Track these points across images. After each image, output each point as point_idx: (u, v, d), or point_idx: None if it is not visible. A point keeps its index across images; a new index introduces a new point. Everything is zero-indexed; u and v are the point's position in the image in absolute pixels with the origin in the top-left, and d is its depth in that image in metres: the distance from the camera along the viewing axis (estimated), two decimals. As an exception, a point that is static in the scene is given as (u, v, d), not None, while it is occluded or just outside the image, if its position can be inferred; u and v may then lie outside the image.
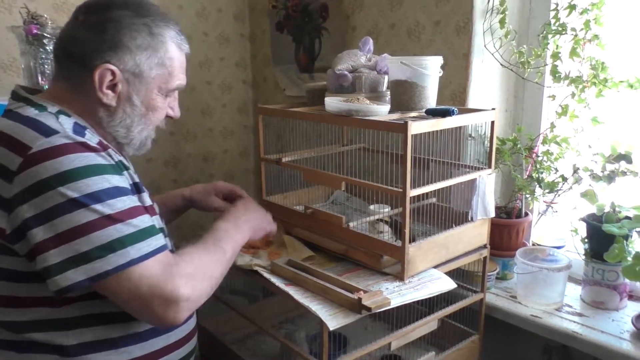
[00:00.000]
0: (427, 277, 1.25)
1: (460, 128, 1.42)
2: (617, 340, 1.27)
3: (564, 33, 1.43)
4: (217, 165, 2.42)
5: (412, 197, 1.19)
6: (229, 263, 1.08)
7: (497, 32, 1.54)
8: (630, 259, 1.24)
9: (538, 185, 1.53)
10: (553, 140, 1.51)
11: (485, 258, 1.42)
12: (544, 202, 1.57)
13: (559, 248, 1.57)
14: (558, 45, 1.46)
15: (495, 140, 1.51)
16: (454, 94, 1.60)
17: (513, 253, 1.52)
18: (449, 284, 1.23)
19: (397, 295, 1.14)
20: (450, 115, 1.21)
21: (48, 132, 0.91)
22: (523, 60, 1.49)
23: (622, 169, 1.37)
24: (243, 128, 2.48)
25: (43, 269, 0.87)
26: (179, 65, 1.07)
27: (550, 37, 1.45)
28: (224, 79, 2.38)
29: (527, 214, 1.60)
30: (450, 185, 1.30)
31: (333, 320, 1.06)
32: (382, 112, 1.28)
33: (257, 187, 2.46)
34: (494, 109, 1.33)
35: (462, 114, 1.28)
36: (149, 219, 0.96)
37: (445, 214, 1.37)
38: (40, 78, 1.56)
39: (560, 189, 1.51)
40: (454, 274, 1.47)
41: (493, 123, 1.34)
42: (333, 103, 1.30)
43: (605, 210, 1.38)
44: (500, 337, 1.58)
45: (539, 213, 1.62)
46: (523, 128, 1.61)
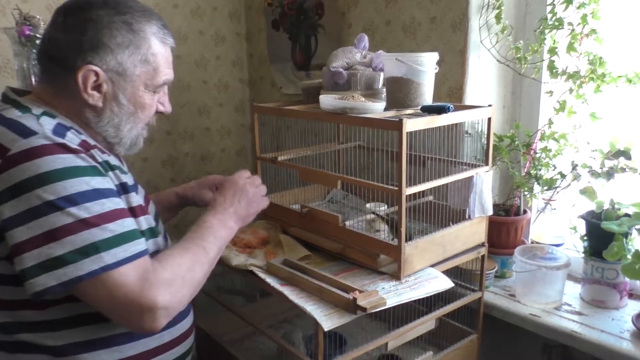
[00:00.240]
0: (424, 276, 1.23)
1: (457, 125, 1.40)
2: (617, 340, 1.25)
3: (561, 28, 1.41)
4: (214, 165, 2.41)
5: (408, 195, 1.18)
6: (213, 262, 1.05)
7: (493, 27, 1.53)
8: (630, 257, 1.22)
9: (536, 183, 1.51)
10: (551, 137, 1.50)
11: (484, 256, 1.41)
12: (543, 199, 1.55)
13: (558, 246, 1.55)
14: (555, 41, 1.44)
15: (493, 137, 1.50)
16: (451, 91, 1.58)
17: (512, 251, 1.50)
18: (446, 283, 1.22)
19: (393, 295, 1.13)
20: (446, 112, 1.20)
21: (27, 133, 0.90)
22: (520, 56, 1.48)
23: (621, 166, 1.36)
24: (240, 127, 2.47)
25: (20, 272, 0.86)
26: (164, 60, 1.05)
27: (547, 32, 1.43)
28: (221, 78, 2.37)
29: (525, 212, 1.58)
30: (447, 183, 1.29)
31: (328, 321, 1.05)
32: (377, 109, 1.26)
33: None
34: (491, 106, 1.32)
35: (458, 111, 1.26)
36: (131, 222, 0.94)
37: (443, 212, 1.36)
38: (34, 79, 1.55)
39: (559, 186, 1.49)
40: (452, 273, 1.46)
41: (490, 120, 1.33)
42: (328, 101, 1.29)
43: (605, 208, 1.36)
44: (499, 336, 1.56)
45: (538, 210, 1.60)
46: (521, 124, 1.59)
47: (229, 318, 1.53)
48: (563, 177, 1.48)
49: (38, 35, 1.54)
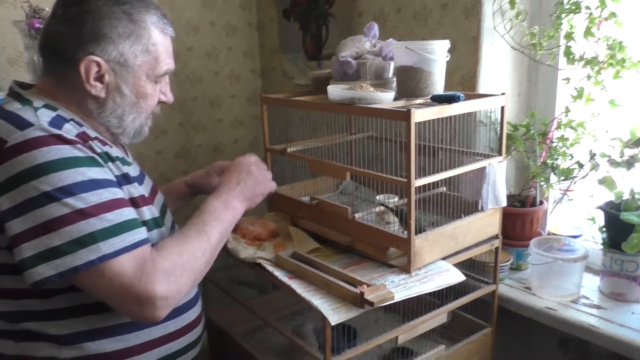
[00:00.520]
0: (434, 269, 1.21)
1: (471, 114, 1.37)
2: (637, 334, 1.21)
3: (578, 12, 1.36)
4: (227, 156, 2.40)
5: (420, 186, 1.15)
6: (216, 247, 1.04)
7: (507, 13, 1.48)
8: (650, 249, 1.18)
9: (553, 172, 1.47)
10: (568, 125, 1.45)
11: (497, 249, 1.38)
12: (560, 189, 1.51)
13: (576, 237, 1.51)
14: (572, 25, 1.39)
15: (507, 126, 1.46)
16: (464, 79, 1.54)
17: (527, 243, 1.46)
18: (458, 277, 1.19)
19: (402, 289, 1.11)
20: (456, 102, 1.16)
21: (23, 125, 0.90)
22: (535, 42, 1.43)
23: (641, 154, 1.31)
24: (253, 118, 2.46)
25: (19, 262, 0.87)
26: (165, 50, 1.05)
27: (564, 16, 1.38)
28: (233, 69, 2.36)
29: (542, 202, 1.54)
30: (459, 174, 1.26)
31: (335, 315, 1.04)
32: (386, 99, 1.23)
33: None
34: (504, 94, 1.28)
35: (469, 100, 1.23)
36: (129, 212, 0.94)
37: (456, 204, 1.33)
38: (44, 72, 1.56)
39: (576, 176, 1.45)
40: (466, 265, 1.43)
41: (503, 108, 1.29)
42: (335, 91, 1.26)
43: (624, 198, 1.32)
44: (514, 329, 1.53)
45: (555, 201, 1.56)
46: (536, 113, 1.55)
47: (240, 310, 1.53)
48: (581, 166, 1.44)
49: (48, 29, 1.54)
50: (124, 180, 1.00)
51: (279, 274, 1.19)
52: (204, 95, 2.29)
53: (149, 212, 1.03)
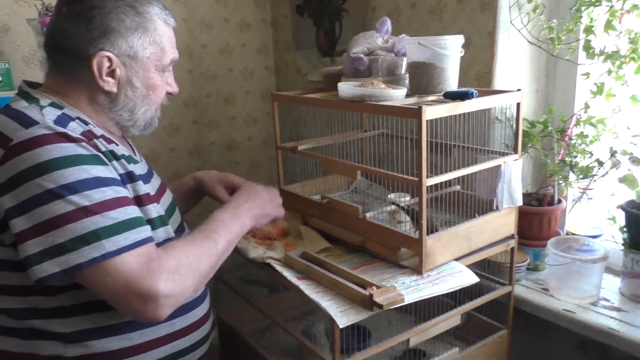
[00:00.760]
0: (447, 270, 1.18)
1: (486, 111, 1.33)
2: (658, 338, 1.17)
3: (599, 4, 1.31)
4: (241, 153, 2.40)
5: (433, 185, 1.13)
6: (222, 255, 1.04)
7: (524, 6, 1.43)
8: (672, 251, 1.14)
9: (571, 171, 1.42)
10: (588, 122, 1.41)
11: (513, 249, 1.34)
12: (579, 188, 1.47)
13: (595, 237, 1.47)
14: (592, 19, 1.34)
15: (524, 123, 1.42)
16: (479, 75, 1.51)
17: (545, 243, 1.42)
18: (471, 278, 1.16)
19: (413, 291, 1.08)
20: (470, 98, 1.13)
21: (28, 123, 0.91)
22: (553, 36, 1.38)
23: (664, 152, 1.27)
24: (266, 115, 2.44)
25: (23, 259, 0.87)
26: (169, 40, 1.06)
27: (584, 9, 1.34)
28: (246, 66, 2.34)
29: (560, 201, 1.50)
30: (473, 173, 1.23)
31: (344, 317, 1.02)
32: (397, 96, 1.21)
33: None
34: (520, 90, 1.24)
35: (484, 96, 1.19)
36: (133, 210, 0.94)
37: (470, 203, 1.30)
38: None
39: (596, 174, 1.41)
40: (481, 265, 1.40)
41: (519, 105, 1.25)
42: (346, 88, 1.24)
43: (646, 197, 1.27)
44: (531, 331, 1.49)
45: (573, 200, 1.51)
46: (554, 109, 1.50)
47: (251, 309, 1.52)
48: (601, 164, 1.39)
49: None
50: (129, 179, 1.00)
51: (288, 274, 1.18)
52: (218, 92, 2.29)
53: (155, 210, 1.03)
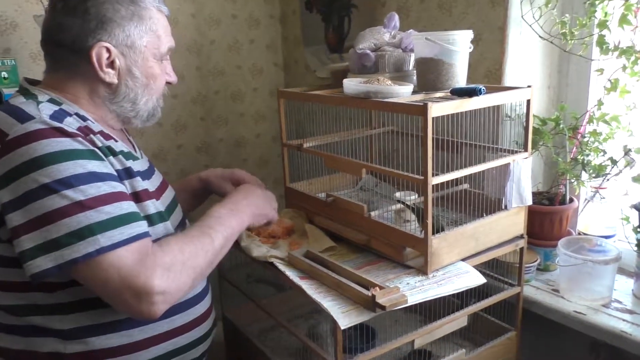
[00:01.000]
0: (453, 271, 1.15)
1: (497, 108, 1.30)
2: (672, 342, 1.13)
3: (613, -2, 1.28)
4: (249, 151, 2.38)
5: (441, 183, 1.11)
6: (219, 251, 1.03)
7: (536, 0, 1.40)
8: (688, 252, 1.10)
9: (583, 169, 1.39)
10: (601, 119, 1.37)
11: (522, 249, 1.31)
12: (591, 187, 1.43)
13: (608, 238, 1.43)
14: (607, 13, 1.30)
15: (535, 120, 1.38)
16: (489, 71, 1.47)
17: (556, 243, 1.39)
18: (478, 279, 1.14)
19: (417, 292, 1.06)
20: (477, 95, 1.10)
21: (25, 118, 0.91)
22: (566, 31, 1.34)
23: (680, 150, 1.22)
24: (275, 112, 2.42)
25: (19, 254, 0.87)
26: (164, 28, 1.07)
27: (597, 3, 1.30)
28: (255, 62, 2.33)
29: (572, 200, 1.46)
30: (482, 171, 1.20)
31: (345, 318, 1.00)
32: (403, 93, 1.18)
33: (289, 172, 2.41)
34: (530, 87, 1.21)
35: (492, 93, 1.16)
36: (129, 205, 0.93)
37: (478, 202, 1.27)
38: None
39: (609, 173, 1.37)
40: (490, 265, 1.37)
41: (529, 102, 1.22)
42: (351, 85, 1.22)
43: (660, 197, 1.24)
44: (541, 333, 1.46)
45: (586, 199, 1.48)
46: (566, 106, 1.46)
47: (256, 308, 1.51)
48: (614, 163, 1.36)
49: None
50: (126, 175, 0.99)
51: (291, 274, 1.16)
52: (226, 89, 2.27)
53: (153, 206, 1.02)
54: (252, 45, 2.31)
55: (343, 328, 0.98)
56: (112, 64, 1.00)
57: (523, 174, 1.23)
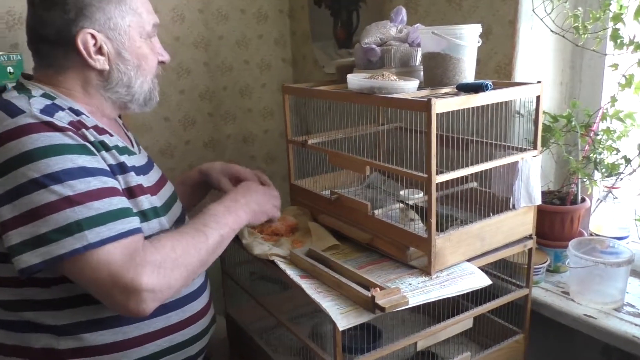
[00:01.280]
0: (458, 271, 1.12)
1: (506, 104, 1.26)
2: (686, 349, 1.09)
3: (629, -10, 1.23)
4: (257, 147, 2.37)
5: (447, 182, 1.08)
6: (214, 249, 1.02)
7: (548, -7, 1.36)
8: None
9: (595, 168, 1.35)
10: (615, 116, 1.33)
11: (531, 250, 1.27)
12: (604, 186, 1.39)
13: (621, 239, 1.39)
14: (622, 6, 1.26)
15: (546, 117, 1.34)
16: (499, 66, 1.43)
17: (567, 243, 1.35)
18: (483, 281, 1.10)
19: (420, 293, 1.03)
20: (484, 91, 1.07)
21: (15, 112, 0.90)
22: (578, 25, 1.30)
23: (697, 149, 1.18)
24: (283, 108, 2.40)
25: (7, 249, 0.86)
26: (144, 5, 1.05)
27: (613, -5, 1.25)
28: (263, 58, 2.31)
29: (583, 200, 1.42)
30: (489, 169, 1.16)
31: (344, 320, 0.97)
32: (408, 88, 1.15)
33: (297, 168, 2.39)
34: (540, 82, 1.17)
35: (500, 89, 1.13)
36: (120, 201, 0.92)
37: (486, 201, 1.23)
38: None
39: (623, 172, 1.33)
40: (498, 266, 1.34)
41: (539, 98, 1.18)
42: (355, 80, 1.19)
43: (676, 197, 1.19)
44: (550, 337, 1.42)
45: (598, 199, 1.43)
46: (579, 103, 1.42)
47: (259, 306, 1.49)
48: (628, 161, 1.32)
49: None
50: (120, 170, 0.98)
51: (291, 272, 1.14)
52: (234, 85, 2.26)
53: (148, 201, 1.01)
54: (260, 41, 2.28)
55: (342, 329, 0.96)
56: (100, 50, 0.99)
57: (532, 173, 1.20)
